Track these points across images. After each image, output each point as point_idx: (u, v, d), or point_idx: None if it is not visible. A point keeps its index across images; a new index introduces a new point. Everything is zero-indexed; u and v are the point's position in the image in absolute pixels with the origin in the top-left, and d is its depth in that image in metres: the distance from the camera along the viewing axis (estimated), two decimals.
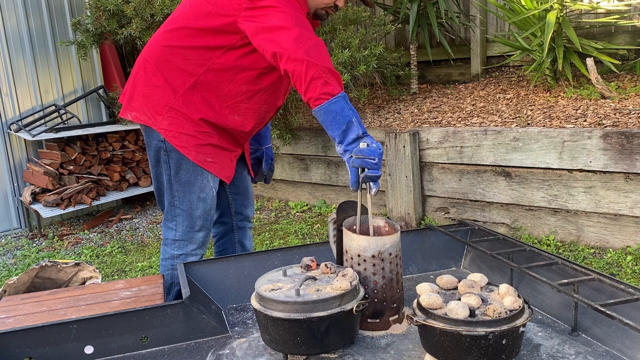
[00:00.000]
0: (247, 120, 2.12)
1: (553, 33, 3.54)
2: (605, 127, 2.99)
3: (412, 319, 1.41)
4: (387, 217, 2.72)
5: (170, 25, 2.05)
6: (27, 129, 4.53)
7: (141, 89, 2.09)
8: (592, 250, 3.03)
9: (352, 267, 1.67)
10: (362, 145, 1.71)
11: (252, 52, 1.94)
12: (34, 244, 4.38)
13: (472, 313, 1.37)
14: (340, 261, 1.78)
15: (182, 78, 2.02)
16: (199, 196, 2.13)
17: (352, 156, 1.72)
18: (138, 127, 4.84)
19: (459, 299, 1.44)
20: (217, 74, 2.00)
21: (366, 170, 1.70)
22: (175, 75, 2.02)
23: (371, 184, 1.72)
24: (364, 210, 1.80)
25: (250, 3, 1.86)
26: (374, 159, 1.69)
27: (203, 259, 2.23)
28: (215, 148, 2.11)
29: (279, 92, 2.15)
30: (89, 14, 4.39)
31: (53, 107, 4.77)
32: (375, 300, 1.66)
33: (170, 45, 2.02)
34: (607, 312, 1.40)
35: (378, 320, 1.67)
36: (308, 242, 3.74)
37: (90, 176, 4.63)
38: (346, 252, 1.71)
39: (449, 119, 3.78)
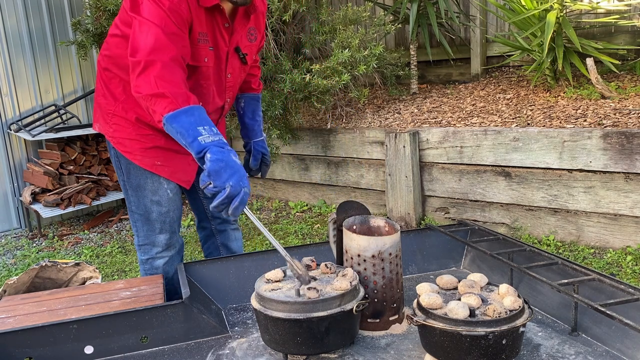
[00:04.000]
0: None
1: (553, 33, 3.54)
2: (605, 127, 2.99)
3: (412, 319, 1.41)
4: (387, 217, 2.72)
5: (109, 33, 2.04)
6: (27, 129, 4.53)
7: (97, 99, 2.13)
8: (592, 250, 3.03)
9: (352, 267, 1.67)
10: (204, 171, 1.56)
11: None
12: (34, 244, 4.38)
13: (472, 313, 1.37)
14: (340, 261, 1.78)
15: (121, 85, 2.02)
16: (152, 199, 2.11)
17: None
18: None
19: (459, 299, 1.44)
20: None
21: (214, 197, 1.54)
22: (115, 83, 2.03)
23: (230, 208, 1.53)
24: (365, 210, 1.80)
25: (130, 10, 1.81)
26: (209, 183, 1.53)
27: (204, 259, 2.23)
28: (165, 151, 2.08)
29: (205, 97, 2.03)
30: (89, 14, 4.39)
31: (53, 107, 4.78)
32: (375, 300, 1.66)
33: (106, 55, 2.03)
34: (607, 312, 1.40)
35: (378, 320, 1.67)
36: (308, 242, 3.74)
37: (90, 176, 4.63)
38: (346, 252, 1.71)
39: (449, 119, 3.78)
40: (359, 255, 1.66)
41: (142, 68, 1.69)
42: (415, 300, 1.48)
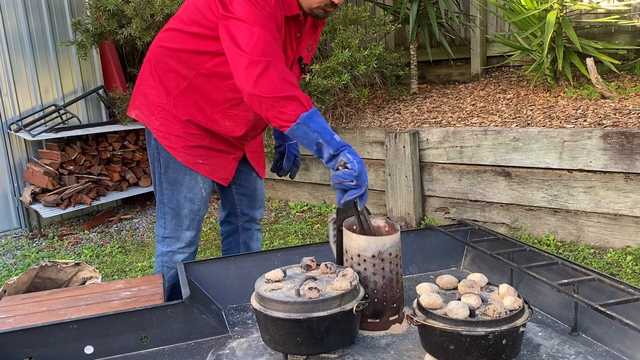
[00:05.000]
0: (237, 127, 2.10)
1: (553, 33, 3.54)
2: (605, 127, 2.99)
3: (412, 319, 1.41)
4: (387, 217, 2.72)
5: (168, 25, 2.06)
6: (27, 129, 4.53)
7: (142, 88, 2.13)
8: (592, 250, 3.03)
9: (352, 267, 1.67)
10: (340, 166, 1.68)
11: None
12: (34, 244, 4.38)
13: (472, 313, 1.37)
14: (340, 261, 1.78)
15: (176, 80, 2.03)
16: (186, 196, 2.14)
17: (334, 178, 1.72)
18: (138, 127, 4.84)
19: (459, 299, 1.44)
20: (206, 79, 2.00)
21: (347, 192, 1.68)
22: (170, 77, 2.03)
23: (357, 200, 1.70)
24: (365, 210, 1.80)
25: (224, 10, 1.82)
26: (351, 181, 1.65)
27: (204, 259, 2.23)
28: (207, 150, 2.12)
29: None
30: (89, 14, 4.39)
31: (53, 107, 4.77)
32: (375, 300, 1.66)
33: (165, 47, 2.03)
34: (607, 312, 1.40)
35: (378, 320, 1.67)
36: (308, 242, 3.74)
37: (90, 176, 4.63)
38: (346, 252, 1.71)
39: (449, 119, 3.78)
40: (359, 255, 1.66)
41: (263, 68, 1.72)
42: (415, 300, 1.48)
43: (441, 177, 3.62)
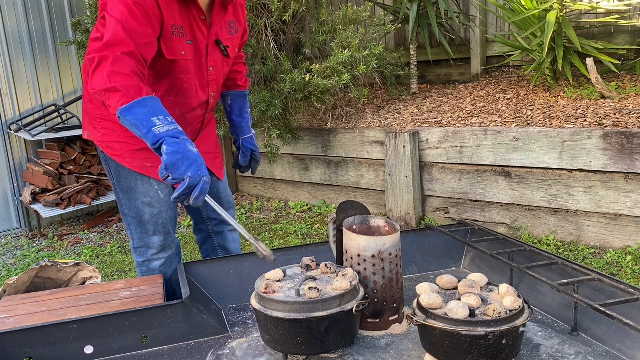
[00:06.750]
0: None
1: (553, 33, 3.54)
2: (605, 127, 2.99)
3: (412, 319, 1.41)
4: (387, 217, 2.72)
5: (90, 37, 2.02)
6: (27, 129, 4.53)
7: (84, 106, 2.12)
8: (592, 250, 3.03)
9: (352, 267, 1.67)
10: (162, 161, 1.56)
11: None
12: (34, 244, 4.38)
13: (472, 313, 1.37)
14: (340, 261, 1.78)
15: None
16: (143, 201, 2.09)
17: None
18: None
19: (459, 299, 1.44)
20: None
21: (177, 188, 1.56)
22: None
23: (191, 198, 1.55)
24: (365, 210, 1.80)
25: (101, 6, 1.80)
26: (167, 176, 1.55)
27: (204, 259, 2.23)
28: (154, 152, 2.06)
29: (187, 92, 2.02)
30: (89, 14, 4.39)
31: (53, 107, 4.78)
32: (375, 300, 1.66)
33: (86, 57, 2.02)
34: (607, 312, 1.40)
35: (378, 320, 1.67)
36: (308, 242, 3.74)
37: (90, 176, 4.63)
38: (346, 252, 1.71)
39: (449, 119, 3.78)
40: (359, 255, 1.66)
41: (95, 64, 1.68)
42: (415, 300, 1.48)
43: (441, 177, 3.62)
